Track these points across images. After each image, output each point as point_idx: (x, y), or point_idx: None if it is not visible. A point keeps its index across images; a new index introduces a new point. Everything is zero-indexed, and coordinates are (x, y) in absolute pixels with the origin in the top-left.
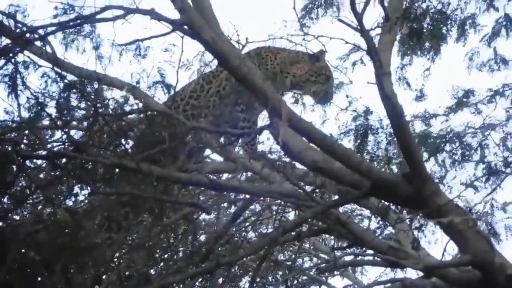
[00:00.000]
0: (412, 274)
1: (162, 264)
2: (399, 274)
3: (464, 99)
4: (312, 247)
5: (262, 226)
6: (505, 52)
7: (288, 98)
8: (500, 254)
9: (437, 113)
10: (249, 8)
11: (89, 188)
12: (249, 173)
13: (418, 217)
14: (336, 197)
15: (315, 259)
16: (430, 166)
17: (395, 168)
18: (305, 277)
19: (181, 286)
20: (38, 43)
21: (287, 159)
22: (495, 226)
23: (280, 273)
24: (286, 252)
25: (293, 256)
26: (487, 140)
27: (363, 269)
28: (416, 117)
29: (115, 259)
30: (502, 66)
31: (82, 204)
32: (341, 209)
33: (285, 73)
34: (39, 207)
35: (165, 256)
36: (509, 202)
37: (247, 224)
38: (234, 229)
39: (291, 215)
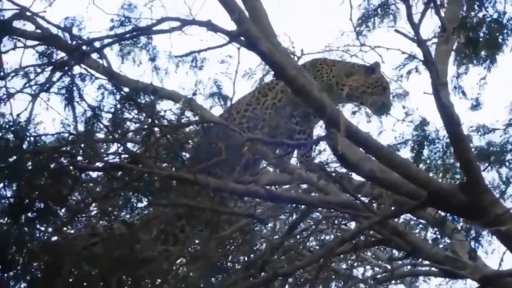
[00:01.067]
0: (471, 284)
1: (219, 275)
2: (459, 283)
3: None
4: (373, 256)
5: (322, 235)
6: None
7: (346, 110)
8: None
9: (494, 127)
10: (305, 18)
11: (145, 200)
12: (305, 185)
13: (475, 227)
14: (393, 207)
15: (376, 268)
16: (489, 178)
17: (457, 176)
18: (366, 286)
19: None
20: (94, 56)
21: (343, 170)
22: None
23: (342, 282)
24: (348, 261)
25: (354, 265)
26: None
27: (426, 278)
28: (473, 131)
29: (172, 272)
30: None
31: (139, 216)
32: (399, 220)
33: (340, 85)
34: (95, 220)
35: (223, 267)
36: None
37: (309, 232)
38: (294, 238)
39: (352, 225)
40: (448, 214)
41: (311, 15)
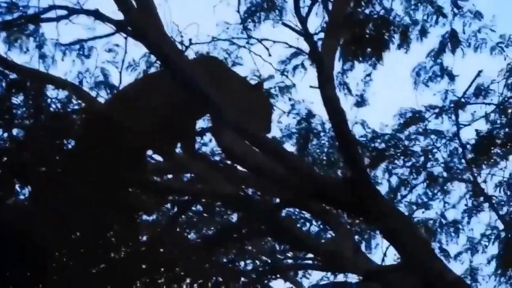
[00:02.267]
0: (353, 278)
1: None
2: (340, 278)
3: (411, 120)
4: (254, 250)
5: (204, 227)
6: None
7: None
8: (441, 260)
9: (384, 131)
10: (190, 8)
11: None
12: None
13: (359, 221)
14: (278, 200)
15: (257, 261)
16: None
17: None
18: (245, 280)
19: None
20: None
21: (229, 162)
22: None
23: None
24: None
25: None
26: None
27: (305, 272)
28: (362, 137)
29: None
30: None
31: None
32: (283, 212)
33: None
34: None
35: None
36: None
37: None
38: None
39: (234, 217)
40: (333, 208)
41: (198, 7)
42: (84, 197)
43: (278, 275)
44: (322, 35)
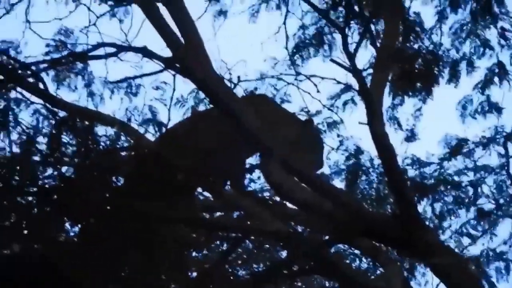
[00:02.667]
0: None
1: None
2: None
3: (457, 148)
4: (303, 286)
5: (254, 264)
6: (498, 99)
7: None
8: None
9: (430, 161)
10: (239, 45)
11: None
12: (239, 211)
13: (408, 258)
14: (327, 237)
15: None
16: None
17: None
18: None
19: None
20: (30, 79)
21: (278, 198)
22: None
23: None
24: None
25: None
26: (480, 184)
27: None
28: (409, 165)
29: None
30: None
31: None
32: (333, 249)
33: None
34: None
35: None
36: None
37: (239, 262)
38: (226, 265)
39: (284, 253)
40: (382, 245)
41: (246, 44)
42: (134, 235)
43: None
44: (370, 70)
